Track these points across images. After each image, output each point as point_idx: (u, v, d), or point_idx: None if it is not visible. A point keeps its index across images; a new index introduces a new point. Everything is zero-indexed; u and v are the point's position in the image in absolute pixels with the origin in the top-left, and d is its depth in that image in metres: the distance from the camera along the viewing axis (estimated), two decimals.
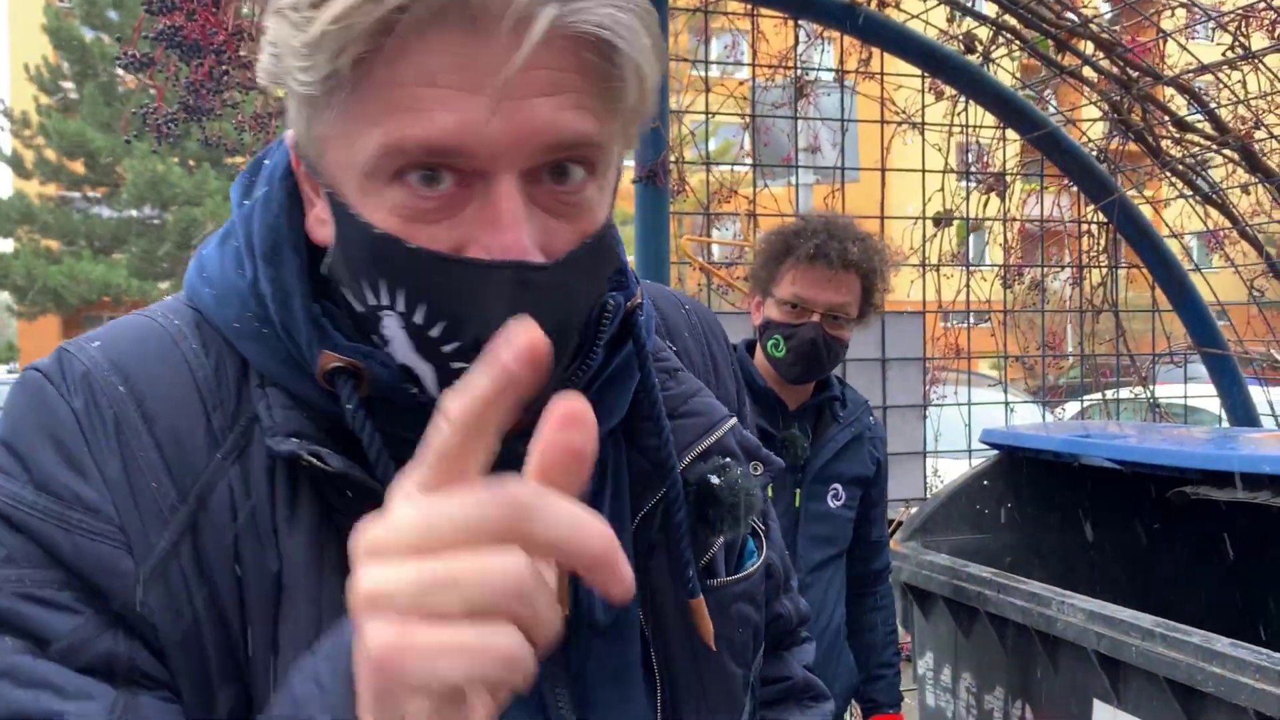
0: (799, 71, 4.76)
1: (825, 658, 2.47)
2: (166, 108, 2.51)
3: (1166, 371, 5.54)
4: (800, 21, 4.50)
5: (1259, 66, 3.73)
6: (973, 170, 5.15)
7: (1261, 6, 3.73)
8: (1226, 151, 3.99)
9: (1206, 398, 5.07)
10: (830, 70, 4.90)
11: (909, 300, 4.73)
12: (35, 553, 0.72)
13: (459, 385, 0.51)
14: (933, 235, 4.85)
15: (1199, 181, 4.29)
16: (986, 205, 4.98)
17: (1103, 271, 4.97)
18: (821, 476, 2.47)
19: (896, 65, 4.43)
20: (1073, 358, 5.87)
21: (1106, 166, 4.25)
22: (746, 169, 5.29)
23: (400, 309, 0.73)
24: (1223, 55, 3.80)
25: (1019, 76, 5.23)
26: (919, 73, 4.38)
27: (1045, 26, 3.79)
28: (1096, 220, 4.69)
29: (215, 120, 2.60)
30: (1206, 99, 3.97)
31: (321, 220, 0.78)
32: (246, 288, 0.80)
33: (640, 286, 0.92)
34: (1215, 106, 3.93)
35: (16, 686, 0.69)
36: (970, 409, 4.68)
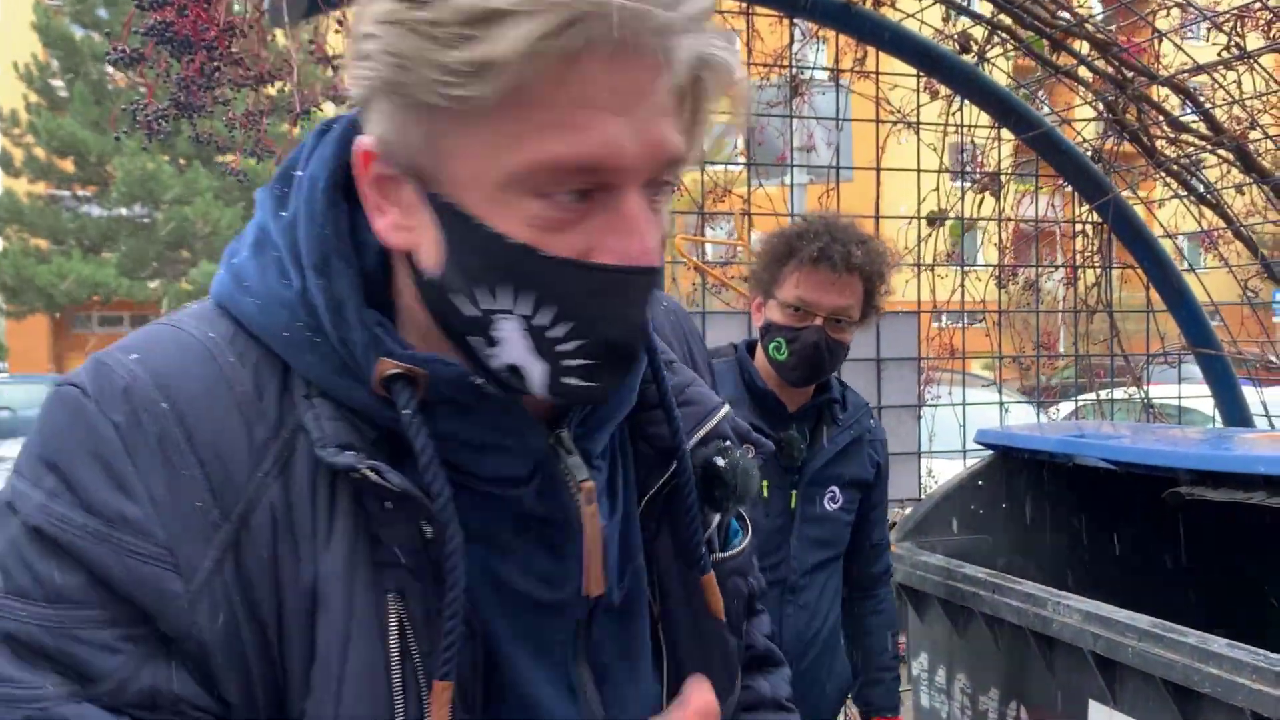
0: (794, 70, 4.76)
1: (819, 659, 2.46)
2: (157, 104, 2.49)
3: (1160, 372, 5.54)
4: (795, 20, 4.49)
5: (1254, 67, 3.73)
6: (968, 170, 5.15)
7: (1257, 7, 3.73)
8: (1221, 152, 3.99)
9: (1199, 398, 5.08)
10: (825, 69, 4.89)
11: (903, 300, 4.73)
12: (81, 583, 0.73)
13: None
14: (927, 235, 4.84)
15: (1194, 182, 4.29)
16: (981, 205, 4.98)
17: (1097, 272, 4.97)
18: (819, 478, 2.46)
19: (892, 64, 4.43)
20: (1067, 358, 5.88)
21: (1101, 167, 4.25)
22: (740, 168, 5.28)
23: (523, 312, 0.77)
24: (1218, 55, 3.80)
25: (1013, 76, 5.23)
26: (914, 72, 4.37)
27: (1040, 26, 3.79)
28: (1091, 220, 4.69)
29: (206, 118, 2.58)
30: (1202, 99, 3.96)
31: (400, 227, 0.79)
32: (295, 297, 0.81)
33: None
34: (1210, 107, 3.93)
35: None
36: (965, 409, 4.67)
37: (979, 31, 4.19)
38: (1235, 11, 3.68)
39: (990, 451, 3.22)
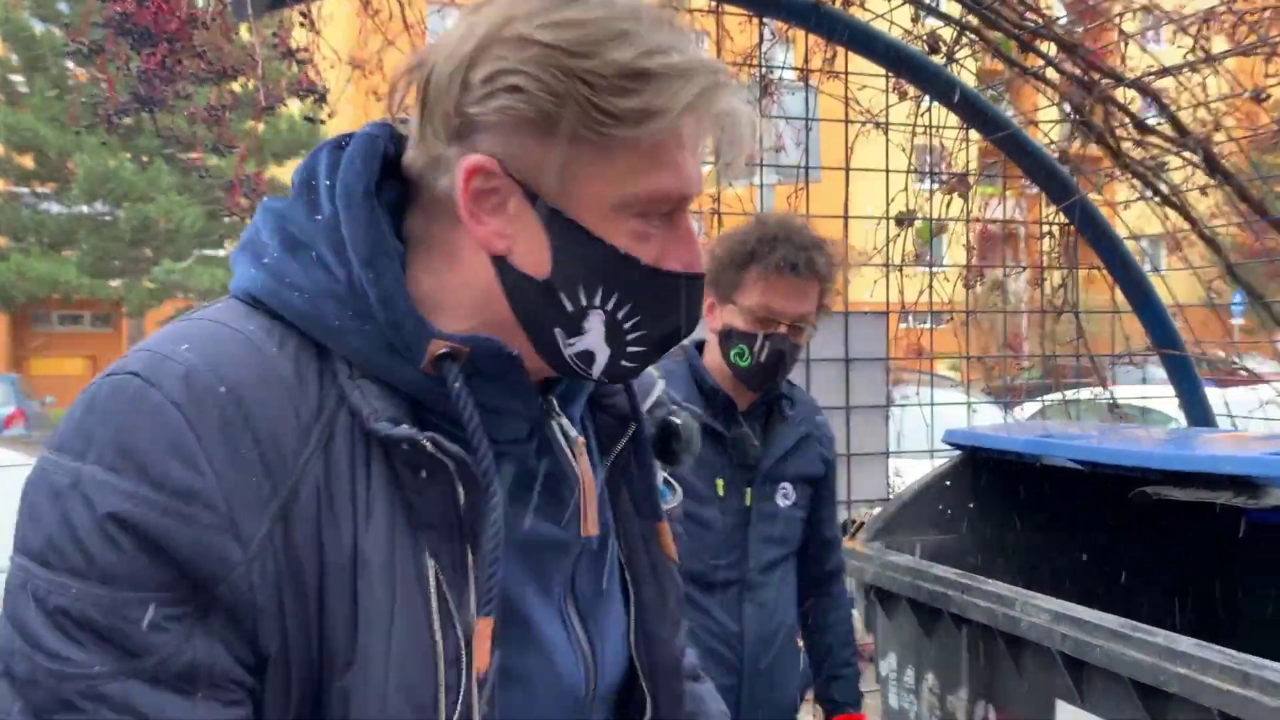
0: (763, 70, 4.75)
1: (779, 658, 2.46)
2: (119, 97, 2.44)
3: (1124, 373, 5.59)
4: (765, 20, 4.48)
5: (1219, 70, 3.75)
6: (936, 171, 5.16)
7: (1222, 10, 3.76)
8: (1186, 154, 4.01)
9: (1161, 398, 5.12)
10: (794, 69, 4.89)
11: (870, 301, 4.74)
12: (143, 563, 0.79)
13: None
14: (895, 236, 4.85)
15: (1159, 183, 4.32)
16: (949, 206, 4.99)
17: (1063, 273, 4.99)
18: (772, 475, 2.48)
19: (861, 65, 4.43)
20: (1034, 359, 5.91)
21: (1068, 169, 4.27)
22: (709, 168, 5.25)
23: (609, 308, 0.93)
24: (1184, 58, 3.83)
25: (980, 79, 5.25)
26: (883, 72, 4.37)
27: (1008, 27, 3.80)
28: (1058, 222, 4.71)
29: (167, 112, 2.53)
30: (1167, 102, 3.99)
31: (501, 235, 0.92)
32: (344, 290, 0.90)
33: None
34: (1176, 109, 3.95)
35: (111, 712, 0.78)
36: (933, 410, 4.68)
37: (948, 32, 4.19)
38: (1201, 15, 3.71)
39: (958, 452, 3.22)
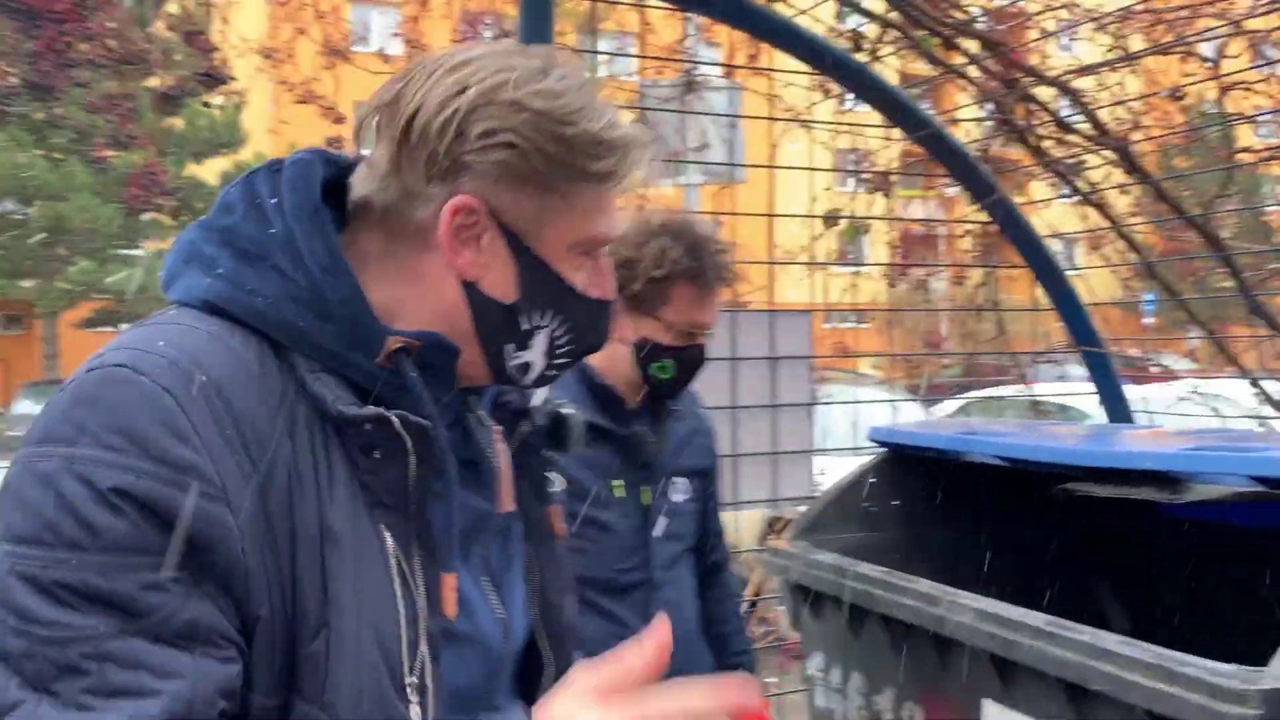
0: (689, 66, 4.70)
1: (688, 654, 2.41)
2: (7, 81, 2.31)
3: (1044, 370, 5.66)
4: (689, 15, 4.44)
5: (1137, 69, 3.80)
6: (859, 170, 5.16)
7: (1140, 8, 3.81)
8: (1105, 153, 4.06)
9: (1078, 394, 5.18)
10: (718, 65, 4.85)
11: (793, 303, 4.72)
12: (146, 530, 0.87)
13: (641, 645, 0.97)
14: (819, 235, 4.84)
15: (1078, 182, 4.36)
16: (873, 205, 4.99)
17: (983, 272, 5.03)
18: (668, 471, 2.46)
19: (785, 62, 4.40)
20: (956, 357, 5.96)
21: (989, 167, 4.29)
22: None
23: (553, 328, 1.11)
24: (1103, 56, 3.87)
25: (903, 78, 5.27)
26: (807, 70, 4.35)
27: (931, 24, 3.81)
28: (979, 221, 4.74)
29: (60, 101, 2.40)
30: (1086, 100, 4.03)
31: (476, 264, 1.07)
32: (305, 294, 1.01)
33: None
34: (1095, 108, 3.99)
35: (120, 669, 0.85)
36: (857, 407, 4.68)
37: (872, 30, 4.19)
38: (1120, 13, 3.75)
39: (883, 449, 3.20)
